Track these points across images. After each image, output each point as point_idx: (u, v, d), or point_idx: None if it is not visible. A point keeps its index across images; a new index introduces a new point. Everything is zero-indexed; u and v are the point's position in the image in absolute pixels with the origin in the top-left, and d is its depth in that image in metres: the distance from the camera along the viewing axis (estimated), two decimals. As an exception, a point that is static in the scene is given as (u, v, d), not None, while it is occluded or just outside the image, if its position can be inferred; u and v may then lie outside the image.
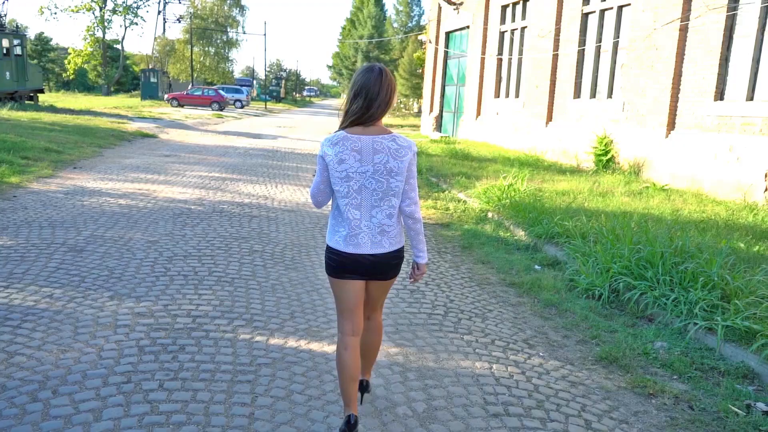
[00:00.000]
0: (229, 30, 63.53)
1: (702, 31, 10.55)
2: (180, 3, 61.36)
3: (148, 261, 5.55)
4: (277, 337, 4.04)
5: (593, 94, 13.99)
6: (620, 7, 13.07)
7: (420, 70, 43.70)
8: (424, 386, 3.51)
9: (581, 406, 3.41)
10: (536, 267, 6.13)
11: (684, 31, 10.96)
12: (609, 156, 12.60)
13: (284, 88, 73.15)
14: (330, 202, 2.87)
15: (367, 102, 2.61)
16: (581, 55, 14.34)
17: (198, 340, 3.90)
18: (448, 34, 23.36)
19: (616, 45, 13.20)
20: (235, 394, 3.24)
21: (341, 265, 2.77)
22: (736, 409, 3.40)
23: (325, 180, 2.73)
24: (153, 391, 3.21)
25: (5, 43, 25.07)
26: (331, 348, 3.92)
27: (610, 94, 13.33)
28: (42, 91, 30.44)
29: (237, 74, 76.91)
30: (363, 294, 2.87)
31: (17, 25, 33.87)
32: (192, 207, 8.10)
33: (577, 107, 14.39)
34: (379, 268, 2.78)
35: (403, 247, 2.86)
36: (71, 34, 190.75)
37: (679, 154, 10.86)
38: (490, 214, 8.34)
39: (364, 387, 3.20)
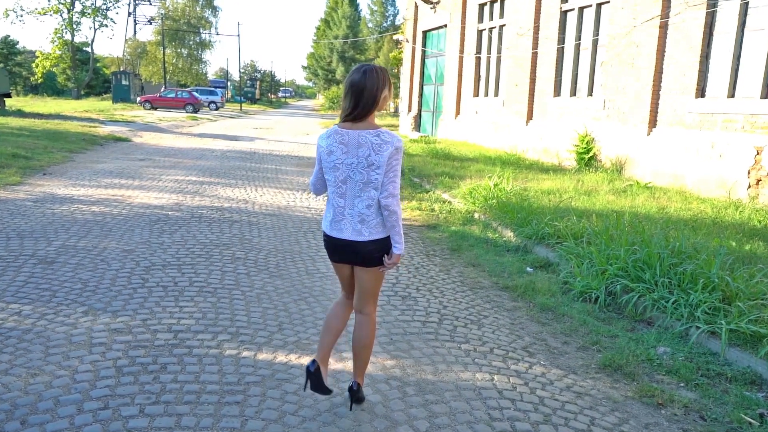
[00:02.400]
0: (201, 31, 62.69)
1: (682, 28, 10.53)
2: (151, 4, 60.34)
3: (124, 272, 5.26)
4: (266, 352, 3.80)
5: (573, 92, 13.94)
6: (599, 5, 13.03)
7: (396, 70, 43.56)
8: (425, 402, 3.31)
9: (590, 420, 3.24)
10: (528, 269, 5.97)
11: (664, 28, 10.93)
12: (591, 154, 12.54)
13: (259, 89, 72.52)
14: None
15: (354, 100, 2.82)
16: (561, 53, 14.28)
17: (180, 357, 3.65)
18: (425, 32, 23.21)
19: (595, 43, 13.16)
20: (223, 418, 3.00)
21: (329, 248, 3.04)
22: (750, 419, 3.25)
23: (320, 170, 3.00)
24: (133, 418, 2.95)
25: (-30, 45, 24.27)
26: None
27: (590, 92, 13.28)
28: (9, 96, 29.60)
29: (211, 76, 76.03)
30: (352, 277, 3.11)
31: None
32: (169, 213, 7.80)
33: (557, 105, 14.33)
34: (359, 256, 2.95)
35: (383, 239, 2.94)
36: (39, 37, 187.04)
37: (662, 151, 10.83)
38: (476, 215, 8.18)
39: (354, 392, 3.12)
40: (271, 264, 5.79)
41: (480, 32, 18.58)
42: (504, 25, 17.06)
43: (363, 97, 2.79)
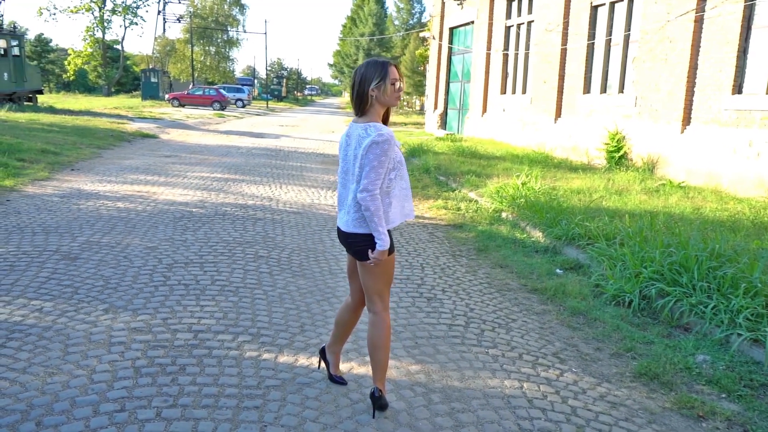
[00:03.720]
0: (229, 29, 63.16)
1: (718, 22, 10.18)
2: (180, 2, 60.86)
3: (146, 269, 5.21)
4: (287, 354, 3.70)
5: (604, 89, 13.62)
6: (631, -1, 12.70)
7: (422, 68, 43.30)
8: (451, 410, 3.16)
9: (626, 432, 3.07)
10: (558, 271, 5.78)
11: (699, 22, 10.59)
12: (621, 152, 12.23)
13: (285, 87, 72.87)
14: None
15: (351, 95, 2.96)
16: (591, 48, 13.97)
17: (200, 358, 3.56)
18: (452, 29, 22.96)
19: (627, 38, 12.83)
20: (241, 424, 2.90)
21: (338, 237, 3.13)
22: (799, 434, 3.05)
23: None
24: (149, 422, 2.86)
25: (2, 43, 24.73)
26: (346, 366, 3.57)
27: (621, 89, 12.96)
28: (41, 92, 30.09)
29: (238, 73, 76.57)
30: (356, 272, 3.15)
31: (15, 26, 33.54)
32: (193, 210, 7.76)
33: (587, 102, 14.02)
34: (351, 247, 3.01)
35: (364, 234, 2.89)
36: (71, 35, 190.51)
37: (696, 149, 10.49)
38: (504, 214, 7.99)
39: (375, 399, 3.02)
40: (294, 263, 5.70)
41: (508, 28, 18.30)
42: (532, 21, 16.77)
43: (354, 92, 2.89)
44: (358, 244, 2.93)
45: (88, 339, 3.74)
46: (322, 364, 3.47)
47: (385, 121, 3.00)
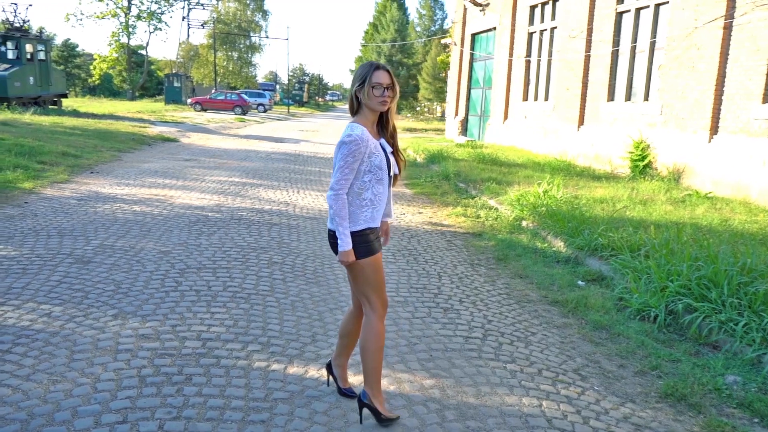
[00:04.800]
0: (252, 35, 63.66)
1: (748, 29, 9.91)
2: (204, 8, 61.55)
3: (158, 274, 5.13)
4: (297, 365, 3.57)
5: (628, 97, 13.36)
6: (657, 5, 12.44)
7: (443, 74, 43.18)
8: (466, 429, 3.02)
9: (652, 457, 2.89)
10: (580, 283, 5.60)
11: (728, 29, 10.32)
12: (646, 161, 11.97)
13: (307, 92, 73.16)
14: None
15: None
16: (615, 55, 13.73)
17: (207, 368, 3.45)
18: (473, 35, 22.81)
19: (653, 45, 12.57)
20: (247, 439, 2.78)
21: None
22: (839, 464, 2.85)
23: None
24: (151, 435, 2.76)
25: (29, 48, 25.11)
26: (357, 379, 3.44)
27: (646, 97, 12.70)
28: (65, 96, 30.52)
29: (260, 79, 77.13)
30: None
31: (42, 31, 34.08)
32: (209, 214, 7.70)
33: (610, 110, 13.77)
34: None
35: (334, 232, 2.88)
36: (97, 40, 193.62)
37: (723, 159, 10.21)
38: (524, 223, 7.81)
39: (362, 403, 2.98)
40: (309, 270, 5.59)
41: (530, 35, 18.10)
42: (555, 27, 16.56)
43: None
44: (331, 241, 2.95)
45: (94, 346, 3.66)
46: (331, 379, 3.34)
47: (385, 125, 2.98)
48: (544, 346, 4.17)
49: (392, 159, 3.01)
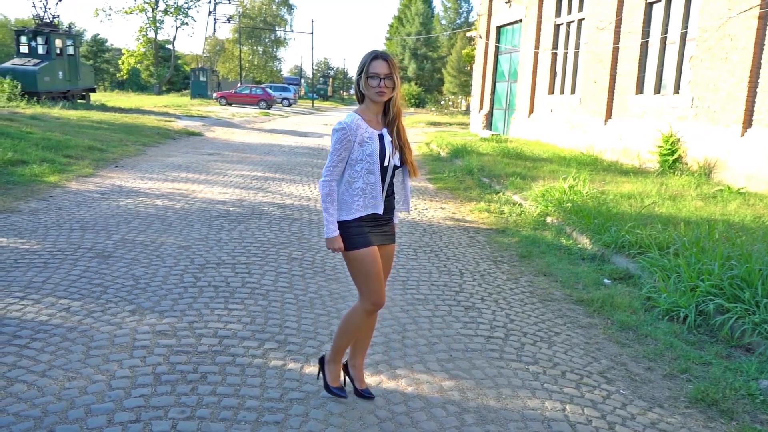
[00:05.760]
0: (277, 29, 63.89)
1: (785, 18, 9.57)
2: (230, 3, 61.93)
3: (177, 269, 5.11)
4: (314, 365, 3.51)
5: (658, 90, 13.04)
6: (689, -5, 12.10)
7: (468, 67, 42.82)
8: (486, 434, 2.92)
9: (681, 467, 2.77)
10: (605, 281, 5.44)
11: (764, 18, 9.97)
12: (676, 156, 11.67)
13: (331, 87, 73.25)
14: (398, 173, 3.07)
15: None
16: (644, 47, 13.40)
17: (223, 366, 3.40)
18: (499, 28, 22.51)
19: (684, 36, 12.23)
20: (260, 441, 2.72)
21: None
22: None
23: None
24: (164, 435, 2.72)
25: (58, 43, 25.47)
26: (374, 380, 3.37)
27: (677, 89, 12.37)
28: (94, 90, 30.93)
29: (285, 73, 77.41)
30: None
31: (71, 27, 34.60)
32: (230, 209, 7.68)
33: (639, 103, 13.45)
34: None
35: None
36: (125, 35, 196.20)
37: (757, 154, 9.89)
38: (549, 219, 7.64)
39: (321, 362, 3.24)
40: (328, 266, 5.52)
41: (557, 27, 17.78)
42: (583, 18, 16.24)
43: None
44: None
45: (111, 342, 3.63)
46: (347, 380, 3.27)
47: (386, 114, 2.94)
48: (568, 347, 4.05)
49: (390, 149, 2.91)
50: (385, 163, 2.89)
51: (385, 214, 2.97)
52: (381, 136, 2.89)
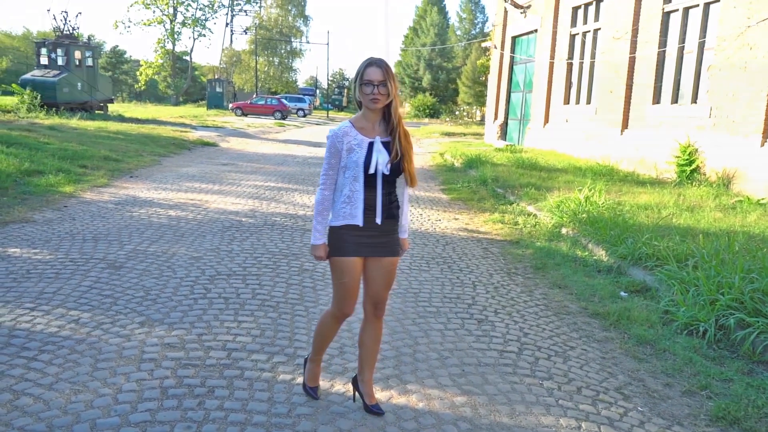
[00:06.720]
0: (293, 40, 64.35)
1: (805, 27, 9.42)
2: (247, 15, 62.54)
3: (188, 280, 5.09)
4: (322, 379, 3.44)
5: (675, 99, 12.89)
6: (707, 4, 11.96)
7: (483, 78, 42.76)
8: (498, 452, 2.84)
9: (702, 490, 2.66)
10: (622, 294, 5.33)
11: (783, 27, 9.83)
12: (694, 166, 11.50)
13: (347, 97, 73.51)
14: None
15: None
16: (662, 57, 13.26)
17: (231, 380, 3.35)
18: (514, 38, 22.46)
19: (701, 45, 12.09)
20: (266, 458, 2.66)
21: None
22: None
23: None
24: (169, 451, 2.67)
25: (77, 54, 25.83)
26: (384, 395, 3.30)
27: (694, 99, 12.22)
28: (112, 101, 31.29)
29: (301, 83, 77.84)
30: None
31: (90, 38, 35.11)
32: (243, 219, 7.67)
33: (656, 113, 13.31)
34: None
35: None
36: (143, 47, 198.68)
37: (778, 164, 9.71)
38: (564, 230, 7.54)
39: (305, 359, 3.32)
40: (340, 277, 5.46)
41: (573, 36, 17.69)
42: (599, 28, 16.14)
43: None
44: None
45: (119, 354, 3.60)
46: (357, 395, 3.20)
47: (387, 122, 2.89)
48: (583, 362, 3.95)
49: (378, 158, 2.84)
50: (371, 171, 2.83)
51: (383, 225, 2.91)
52: (371, 144, 2.84)
